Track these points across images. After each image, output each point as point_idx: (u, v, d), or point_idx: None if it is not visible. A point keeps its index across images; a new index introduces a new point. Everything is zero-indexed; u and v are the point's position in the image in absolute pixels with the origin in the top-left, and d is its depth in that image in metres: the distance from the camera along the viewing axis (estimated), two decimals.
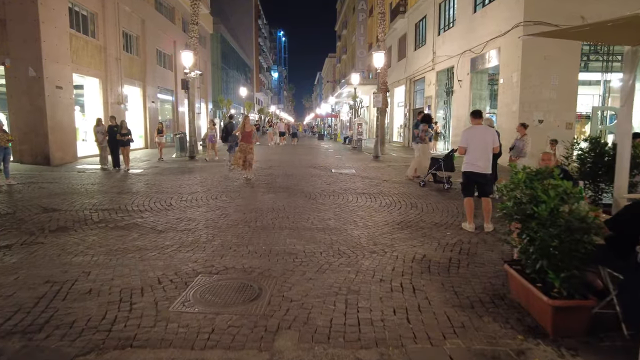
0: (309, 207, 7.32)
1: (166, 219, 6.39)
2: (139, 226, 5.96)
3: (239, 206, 7.31)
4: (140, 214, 6.75)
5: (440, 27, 21.21)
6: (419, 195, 8.53)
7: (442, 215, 6.87)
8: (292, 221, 6.25)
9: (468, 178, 6.01)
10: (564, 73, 13.24)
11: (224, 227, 5.87)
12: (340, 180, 10.71)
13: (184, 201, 7.76)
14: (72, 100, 15.41)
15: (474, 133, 5.96)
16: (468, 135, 5.97)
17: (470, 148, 5.91)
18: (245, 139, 10.39)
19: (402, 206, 7.47)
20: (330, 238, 5.37)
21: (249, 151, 10.37)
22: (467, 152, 5.94)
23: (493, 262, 4.63)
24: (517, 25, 13.39)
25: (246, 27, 64.55)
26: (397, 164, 14.84)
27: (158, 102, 25.54)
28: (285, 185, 9.87)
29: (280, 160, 16.06)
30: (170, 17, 27.53)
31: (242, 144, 10.35)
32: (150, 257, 4.60)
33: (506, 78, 14.33)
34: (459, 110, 18.67)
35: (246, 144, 10.33)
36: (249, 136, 10.48)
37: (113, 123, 12.39)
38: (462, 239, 5.52)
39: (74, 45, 15.68)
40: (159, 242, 5.19)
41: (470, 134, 5.98)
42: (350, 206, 7.42)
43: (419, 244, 5.26)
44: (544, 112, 13.43)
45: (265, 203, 7.65)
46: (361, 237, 5.44)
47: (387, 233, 5.70)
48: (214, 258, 4.57)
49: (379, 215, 6.73)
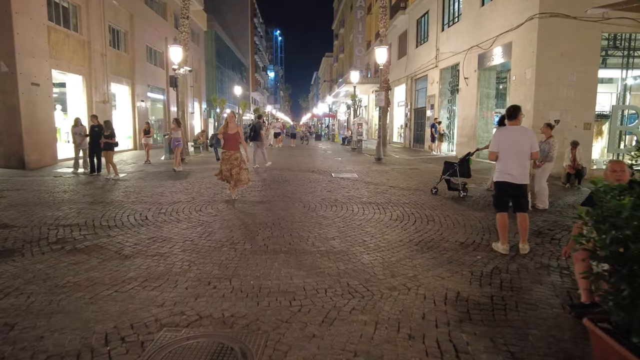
0: (309, 221, 6.26)
1: (137, 238, 5.30)
2: (102, 249, 4.88)
3: (225, 221, 6.23)
4: (108, 231, 5.66)
5: (444, 22, 20.19)
6: (433, 206, 7.49)
7: (465, 231, 5.83)
8: (288, 241, 5.18)
9: (501, 190, 4.96)
10: (582, 69, 12.24)
11: (205, 251, 4.79)
12: (341, 187, 9.65)
13: (162, 214, 6.67)
14: (50, 98, 14.26)
15: (507, 135, 4.90)
16: (500, 138, 4.91)
17: (503, 154, 4.86)
18: (230, 145, 7.80)
19: (417, 220, 6.42)
20: (337, 267, 4.31)
21: (236, 163, 7.72)
22: (498, 158, 4.90)
23: (547, 301, 3.60)
24: (532, 18, 12.39)
25: (242, 25, 63.41)
26: (402, 167, 13.80)
27: (148, 101, 24.41)
28: (281, 192, 8.80)
29: (275, 164, 14.98)
30: (162, 13, 26.39)
31: (225, 153, 7.82)
32: (104, 298, 3.52)
33: (519, 75, 13.32)
34: (465, 109, 17.67)
35: (231, 152, 7.78)
36: (234, 141, 7.81)
37: (95, 123, 11.24)
38: (497, 266, 4.48)
39: (53, 39, 14.54)
40: (121, 273, 4.11)
41: (502, 136, 4.92)
42: (357, 220, 6.35)
43: (448, 273, 4.21)
44: (561, 111, 12.43)
45: (257, 216, 6.57)
46: (375, 266, 4.38)
47: (405, 258, 4.64)
48: (186, 300, 3.50)
49: (392, 233, 5.67)
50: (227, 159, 7.76)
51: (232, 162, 7.74)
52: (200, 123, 36.04)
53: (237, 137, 7.84)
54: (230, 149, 7.81)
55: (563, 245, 5.27)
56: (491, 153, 4.91)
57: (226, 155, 7.79)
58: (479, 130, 16.64)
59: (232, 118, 8.02)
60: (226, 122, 7.93)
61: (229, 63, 53.54)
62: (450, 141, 20.88)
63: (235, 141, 7.85)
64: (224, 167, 7.78)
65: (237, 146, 7.87)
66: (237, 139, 7.86)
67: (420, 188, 9.49)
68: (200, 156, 18.68)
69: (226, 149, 7.82)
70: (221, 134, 7.93)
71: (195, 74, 35.07)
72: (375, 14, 33.45)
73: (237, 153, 7.83)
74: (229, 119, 7.92)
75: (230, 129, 7.82)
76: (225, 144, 7.82)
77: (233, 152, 7.78)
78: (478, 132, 16.64)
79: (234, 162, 7.74)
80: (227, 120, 7.95)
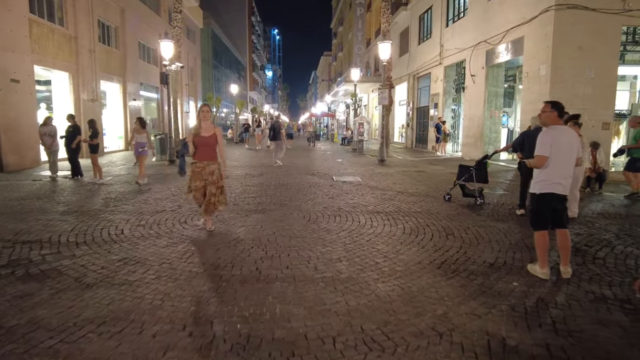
0: (309, 236, 5.41)
1: (105, 260, 4.45)
2: (61, 275, 4.02)
3: (212, 236, 5.37)
4: (74, 249, 4.81)
5: (449, 17, 19.37)
6: (449, 216, 6.65)
7: (492, 249, 5.00)
8: (286, 264, 4.33)
9: (546, 203, 4.12)
10: (601, 65, 11.44)
11: (184, 279, 3.94)
12: (344, 192, 8.81)
13: (141, 226, 5.82)
14: (32, 95, 13.39)
15: (560, 137, 4.03)
16: (553, 140, 4.02)
17: (555, 159, 3.99)
18: (203, 153, 5.55)
19: (435, 234, 5.58)
20: (346, 302, 3.46)
21: (211, 179, 5.54)
22: (547, 164, 4.06)
23: (623, 355, 2.77)
24: (547, 10, 11.56)
25: (239, 23, 62.58)
26: (407, 170, 12.96)
27: (141, 99, 23.52)
28: (278, 200, 7.95)
29: (272, 166, 14.12)
30: (155, 8, 25.48)
31: (196, 165, 5.58)
32: (41, 353, 2.67)
33: (532, 71, 12.51)
34: (471, 108, 16.84)
35: (204, 164, 5.53)
36: (210, 147, 5.57)
37: (71, 122, 10.35)
38: (542, 297, 3.65)
39: (36, 33, 13.64)
40: (75, 311, 3.26)
41: (555, 138, 4.02)
42: (365, 235, 5.51)
43: (484, 309, 3.37)
44: (578, 109, 11.46)
45: (249, 230, 5.72)
46: (393, 299, 3.54)
47: (429, 287, 3.81)
48: (151, 355, 2.65)
49: (408, 251, 4.83)
50: (198, 173, 5.53)
51: (207, 176, 5.53)
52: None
53: (214, 141, 5.58)
54: (205, 158, 5.53)
55: (609, 266, 4.48)
56: (540, 158, 4.04)
57: (198, 168, 5.53)
58: (486, 130, 15.82)
59: (206, 115, 5.61)
60: (198, 121, 5.61)
61: (226, 61, 52.68)
62: (455, 142, 20.07)
63: (211, 148, 5.58)
64: (195, 183, 5.55)
65: (213, 155, 5.59)
66: (214, 145, 5.59)
67: (431, 194, 8.65)
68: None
69: (198, 159, 5.56)
70: (191, 138, 5.56)
71: (191, 72, 34.19)
72: (376, 11, 32.63)
73: (213, 164, 5.56)
74: (202, 117, 5.58)
75: (204, 130, 5.54)
76: (197, 151, 5.54)
77: (208, 163, 5.54)
78: (485, 132, 15.82)
79: (209, 178, 5.52)
80: (200, 118, 5.60)
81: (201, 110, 5.64)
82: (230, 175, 11.36)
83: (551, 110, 4.11)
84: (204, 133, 5.55)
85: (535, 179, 4.18)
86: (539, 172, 4.13)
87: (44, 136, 10.13)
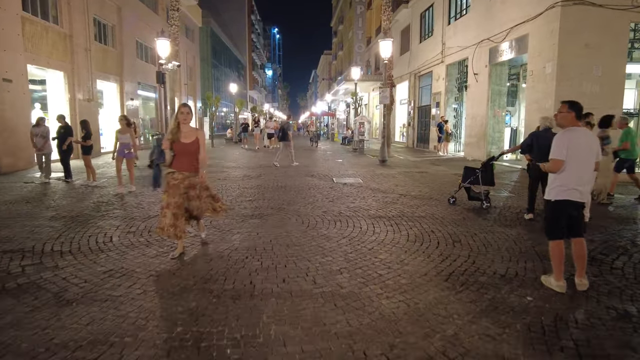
0: (308, 244, 5.11)
1: (90, 272, 4.16)
2: (39, 289, 3.73)
3: (204, 245, 5.08)
4: (58, 259, 4.52)
5: (451, 15, 19.06)
6: (455, 221, 6.35)
7: (502, 258, 4.70)
8: (282, 277, 4.04)
9: (562, 211, 3.82)
10: (608, 62, 11.13)
11: (171, 293, 3.65)
12: (345, 195, 8.52)
13: (131, 233, 5.53)
14: (26, 95, 13.11)
15: (577, 140, 3.74)
16: (570, 142, 3.72)
17: (572, 163, 3.71)
18: (182, 162, 4.53)
19: (440, 241, 5.28)
20: (347, 321, 3.17)
21: (194, 193, 4.60)
22: (563, 169, 3.76)
23: None
24: (553, 6, 11.26)
25: (238, 22, 62.22)
26: (409, 171, 12.66)
27: (139, 99, 23.24)
28: (276, 203, 7.65)
29: (272, 167, 13.84)
30: (153, 7, 25.16)
31: (172, 175, 4.53)
32: None
33: (537, 69, 12.20)
34: (474, 107, 16.54)
35: (183, 175, 4.52)
36: (191, 156, 4.56)
37: (62, 124, 10.05)
38: (560, 314, 3.36)
39: (29, 31, 13.34)
40: (49, 333, 2.97)
41: (572, 141, 3.73)
42: (367, 242, 5.22)
43: (497, 328, 3.08)
44: (585, 109, 11.24)
45: (245, 238, 5.42)
46: (399, 318, 3.24)
47: (437, 303, 3.51)
48: None
49: (412, 261, 4.53)
50: (176, 186, 4.45)
51: (187, 189, 4.52)
52: (195, 122, 34.84)
53: (196, 149, 4.55)
54: (184, 168, 4.50)
55: (629, 277, 4.19)
56: (555, 162, 3.75)
57: (175, 180, 4.46)
58: (489, 130, 15.52)
59: (187, 118, 4.51)
60: (176, 124, 4.49)
61: (226, 60, 52.36)
62: (458, 141, 19.76)
63: (193, 157, 4.55)
64: (173, 199, 4.43)
65: (194, 165, 4.57)
66: (196, 153, 4.55)
67: (434, 196, 8.36)
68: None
69: (176, 169, 4.50)
70: (167, 144, 4.46)
71: (190, 71, 33.88)
72: (376, 9, 32.30)
73: (195, 177, 4.59)
74: (181, 119, 4.48)
75: (184, 136, 4.49)
76: (175, 160, 4.50)
77: (188, 175, 4.52)
78: (489, 132, 15.53)
79: (191, 192, 4.56)
80: (178, 119, 4.49)
81: (180, 112, 4.49)
82: (227, 177, 11.08)
83: (568, 110, 3.81)
84: (184, 139, 4.48)
85: (550, 185, 3.89)
86: (554, 178, 3.84)
87: (35, 137, 9.79)
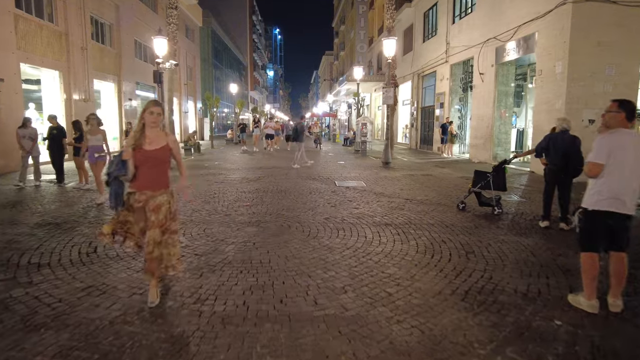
0: (309, 256, 4.69)
1: (67, 289, 3.75)
2: (5, 311, 3.32)
3: (196, 257, 4.65)
4: (34, 274, 4.11)
5: (456, 14, 18.65)
6: (466, 229, 5.93)
7: (521, 272, 4.28)
8: (280, 296, 3.62)
9: (599, 221, 3.39)
10: (621, 62, 10.71)
11: (153, 317, 3.23)
12: (348, 199, 8.10)
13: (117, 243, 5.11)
14: (19, 95, 12.73)
15: (623, 143, 3.31)
16: (614, 145, 3.29)
17: (614, 170, 3.29)
18: (147, 178, 3.43)
19: (453, 252, 4.86)
20: (353, 352, 2.74)
21: (155, 220, 3.39)
22: (602, 174, 3.34)
23: None
24: (564, 3, 10.83)
25: (240, 22, 61.87)
26: (414, 173, 12.24)
27: (138, 99, 22.86)
28: (275, 209, 7.23)
29: (271, 169, 13.43)
30: (152, 5, 24.82)
31: (134, 196, 3.43)
32: None
33: (547, 69, 11.77)
34: (480, 108, 16.11)
35: (148, 194, 3.43)
36: (158, 168, 3.46)
37: (54, 124, 9.66)
38: (595, 342, 2.94)
39: (22, 29, 12.98)
40: None
41: (617, 143, 3.31)
42: (373, 254, 4.79)
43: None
44: (597, 110, 10.85)
45: (240, 249, 5.00)
46: (412, 348, 2.82)
47: (455, 328, 3.09)
48: None
49: (424, 277, 4.11)
50: (139, 209, 3.43)
51: (152, 212, 3.39)
52: (195, 123, 34.49)
53: (165, 158, 3.48)
54: (148, 186, 3.41)
55: None
56: (594, 165, 3.32)
57: (138, 202, 3.41)
58: (496, 131, 15.10)
59: (155, 119, 3.42)
60: (141, 126, 3.43)
61: (227, 61, 52.01)
62: (462, 143, 19.33)
63: (160, 169, 3.47)
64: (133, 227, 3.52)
65: (162, 180, 3.48)
66: (164, 162, 3.49)
67: (442, 201, 7.93)
68: (191, 159, 17.15)
69: (137, 188, 3.41)
70: (129, 152, 3.35)
71: (190, 71, 33.54)
72: (378, 9, 31.90)
73: (162, 196, 3.44)
74: (148, 120, 3.41)
75: (149, 141, 3.41)
76: (138, 175, 3.40)
77: (153, 194, 3.41)
78: (495, 133, 15.10)
79: (153, 216, 3.38)
80: (144, 120, 3.43)
81: (149, 111, 3.37)
82: (225, 180, 10.67)
83: (618, 110, 3.38)
84: (149, 145, 3.37)
85: (588, 191, 3.47)
86: (593, 184, 3.42)
87: (23, 139, 9.35)
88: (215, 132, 34.41)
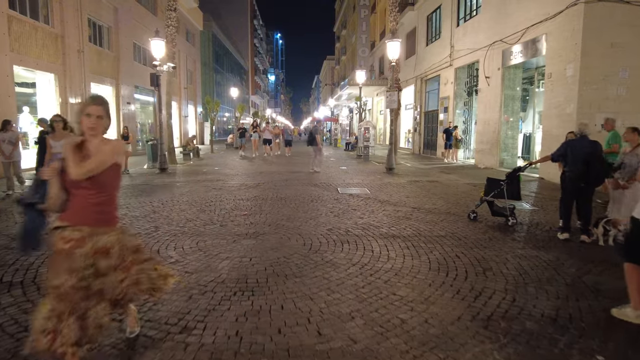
0: (310, 274, 4.25)
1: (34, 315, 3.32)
2: None
3: (187, 274, 4.22)
4: (2, 295, 3.68)
5: (460, 16, 18.30)
6: (480, 242, 5.49)
7: (545, 292, 3.83)
8: (277, 324, 3.17)
9: None
10: (636, 64, 10.30)
11: (130, 352, 2.78)
12: (352, 208, 7.66)
13: None
14: (11, 98, 12.36)
15: None
16: None
17: None
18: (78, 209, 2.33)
19: (468, 270, 4.41)
20: None
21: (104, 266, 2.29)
22: None
23: None
24: (575, 3, 10.45)
25: (241, 27, 61.72)
26: (419, 180, 11.80)
27: (137, 103, 22.52)
28: (274, 218, 6.80)
29: (271, 175, 13.02)
30: (152, 8, 24.53)
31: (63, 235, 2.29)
32: None
33: (557, 72, 11.36)
34: (486, 112, 15.70)
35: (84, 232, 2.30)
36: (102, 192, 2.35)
37: (44, 128, 9.25)
38: None
39: (16, 31, 12.62)
40: None
41: None
42: (381, 271, 4.35)
43: None
44: (611, 113, 10.43)
45: (235, 265, 4.56)
46: None
47: None
48: None
49: (439, 300, 3.66)
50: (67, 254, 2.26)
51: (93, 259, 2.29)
52: (195, 127, 34.15)
53: (111, 177, 2.40)
54: (83, 220, 2.35)
55: None
56: None
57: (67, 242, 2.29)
58: (502, 136, 14.68)
59: (95, 123, 2.35)
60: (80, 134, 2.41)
61: (227, 65, 51.79)
62: (467, 148, 18.91)
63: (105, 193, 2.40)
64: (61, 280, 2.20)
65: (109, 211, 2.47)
66: (112, 187, 2.47)
67: (452, 210, 7.50)
68: (189, 164, 16.75)
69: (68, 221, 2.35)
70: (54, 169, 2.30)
71: (190, 75, 33.24)
72: (380, 13, 31.63)
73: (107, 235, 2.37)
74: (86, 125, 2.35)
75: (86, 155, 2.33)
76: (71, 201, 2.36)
77: (92, 231, 2.33)
78: (502, 138, 14.68)
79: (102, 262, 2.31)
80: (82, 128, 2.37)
81: (85, 113, 2.35)
82: (222, 187, 10.25)
83: None
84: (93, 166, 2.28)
85: None
86: None
87: (2, 143, 8.82)
88: (215, 137, 34.05)
